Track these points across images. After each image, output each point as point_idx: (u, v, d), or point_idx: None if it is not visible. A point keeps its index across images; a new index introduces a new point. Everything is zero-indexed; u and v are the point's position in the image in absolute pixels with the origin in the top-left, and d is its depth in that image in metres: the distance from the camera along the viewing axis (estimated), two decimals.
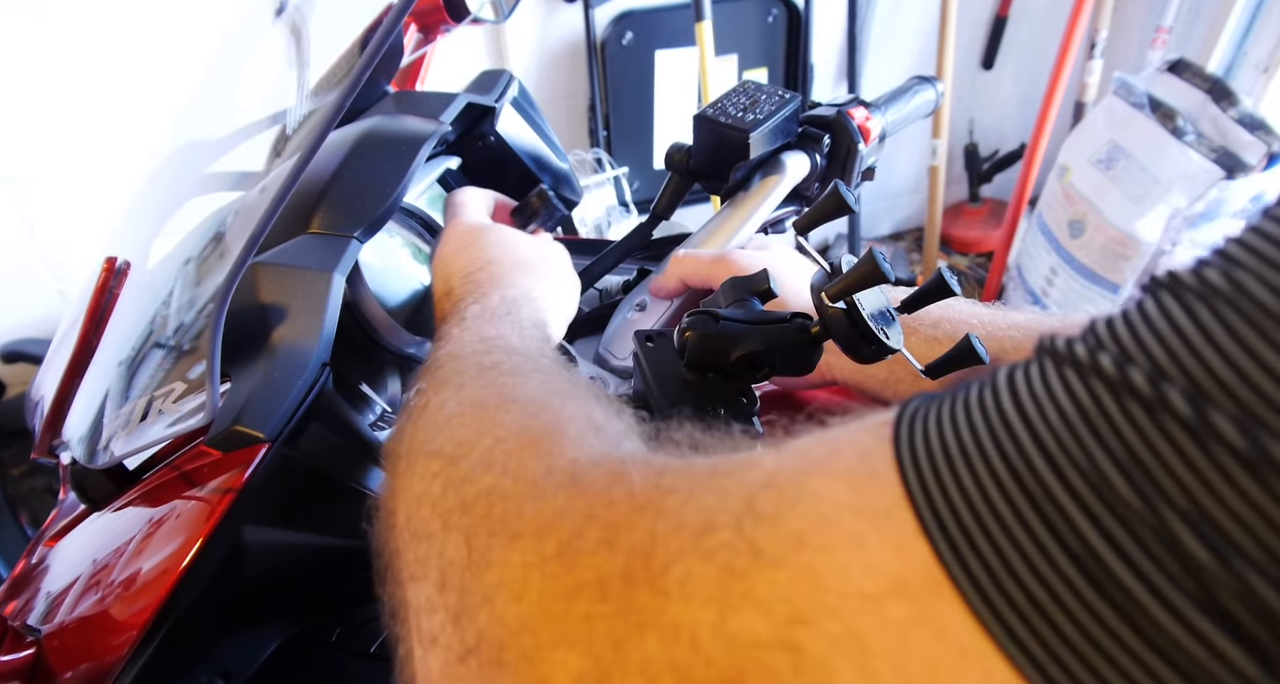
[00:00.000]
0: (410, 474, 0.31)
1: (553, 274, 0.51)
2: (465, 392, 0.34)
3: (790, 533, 0.19)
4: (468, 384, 0.34)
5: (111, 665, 0.43)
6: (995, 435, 0.17)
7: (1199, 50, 1.96)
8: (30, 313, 1.65)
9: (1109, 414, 0.16)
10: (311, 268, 0.47)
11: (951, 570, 0.17)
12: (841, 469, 0.20)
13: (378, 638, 0.53)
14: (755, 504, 0.20)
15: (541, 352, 0.40)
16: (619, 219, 1.81)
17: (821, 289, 0.41)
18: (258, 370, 0.44)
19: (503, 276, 0.48)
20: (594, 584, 0.21)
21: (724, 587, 0.19)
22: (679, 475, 0.24)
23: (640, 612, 0.20)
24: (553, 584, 0.22)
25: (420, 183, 0.62)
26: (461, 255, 0.50)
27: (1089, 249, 1.81)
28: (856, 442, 0.21)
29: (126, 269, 0.53)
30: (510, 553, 0.24)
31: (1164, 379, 0.16)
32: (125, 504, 0.50)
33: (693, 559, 0.20)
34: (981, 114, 2.43)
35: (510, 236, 0.52)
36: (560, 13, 1.85)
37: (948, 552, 0.17)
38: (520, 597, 0.22)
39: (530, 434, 0.29)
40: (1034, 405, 0.17)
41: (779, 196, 0.58)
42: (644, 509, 0.22)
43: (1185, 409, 0.15)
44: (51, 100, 1.48)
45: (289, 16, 0.61)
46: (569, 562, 0.22)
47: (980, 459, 0.17)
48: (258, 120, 0.60)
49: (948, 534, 0.17)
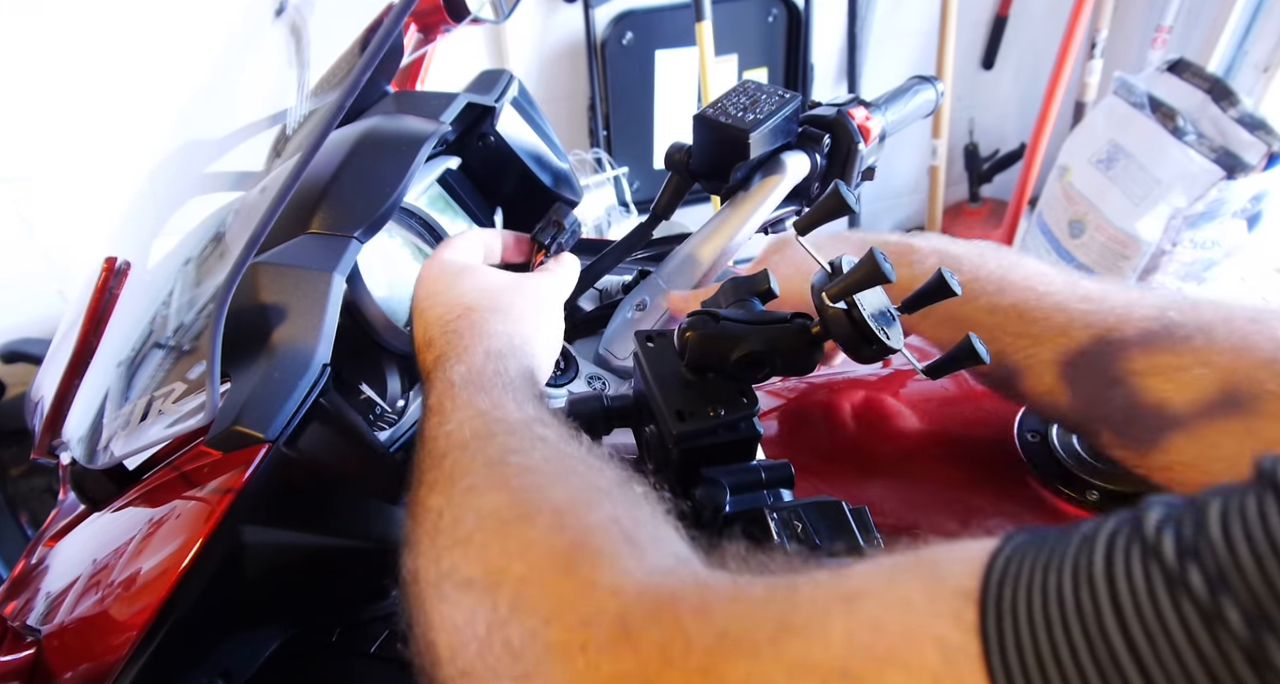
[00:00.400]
0: (445, 606, 0.31)
1: (534, 316, 0.49)
2: (480, 498, 0.33)
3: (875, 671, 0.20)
4: (479, 486, 0.33)
5: (111, 666, 0.43)
6: (1096, 657, 0.17)
7: (1199, 50, 1.96)
8: (30, 313, 1.65)
9: (1205, 656, 0.16)
10: (311, 268, 0.47)
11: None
12: (921, 669, 0.19)
13: (378, 638, 0.53)
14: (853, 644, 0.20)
15: (542, 419, 0.38)
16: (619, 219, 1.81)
17: (822, 289, 0.41)
18: (258, 370, 0.44)
19: (483, 325, 0.46)
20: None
21: None
22: (739, 627, 0.23)
23: None
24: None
25: (420, 183, 0.62)
26: (437, 301, 0.48)
27: (1089, 249, 1.81)
28: (937, 629, 0.20)
29: (126, 269, 0.53)
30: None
31: (1264, 625, 0.16)
32: (125, 504, 0.50)
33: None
34: (981, 114, 2.43)
35: (487, 279, 0.50)
36: (560, 13, 1.85)
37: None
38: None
39: (561, 558, 0.28)
40: (1139, 628, 0.17)
41: (779, 196, 0.58)
42: (706, 676, 0.22)
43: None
44: (51, 100, 1.48)
45: (289, 16, 0.61)
46: None
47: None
48: (258, 120, 0.60)
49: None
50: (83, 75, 1.46)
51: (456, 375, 0.42)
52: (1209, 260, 1.69)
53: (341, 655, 0.53)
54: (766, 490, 0.42)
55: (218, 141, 0.61)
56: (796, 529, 0.38)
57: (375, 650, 0.53)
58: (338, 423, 0.46)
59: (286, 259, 0.47)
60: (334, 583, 0.52)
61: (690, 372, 0.43)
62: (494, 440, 0.36)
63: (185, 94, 0.66)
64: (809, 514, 0.39)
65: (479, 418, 0.38)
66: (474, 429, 0.37)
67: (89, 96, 1.49)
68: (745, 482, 0.42)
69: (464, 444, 0.36)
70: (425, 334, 0.47)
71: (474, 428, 0.37)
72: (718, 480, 0.41)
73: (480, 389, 0.40)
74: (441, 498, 0.34)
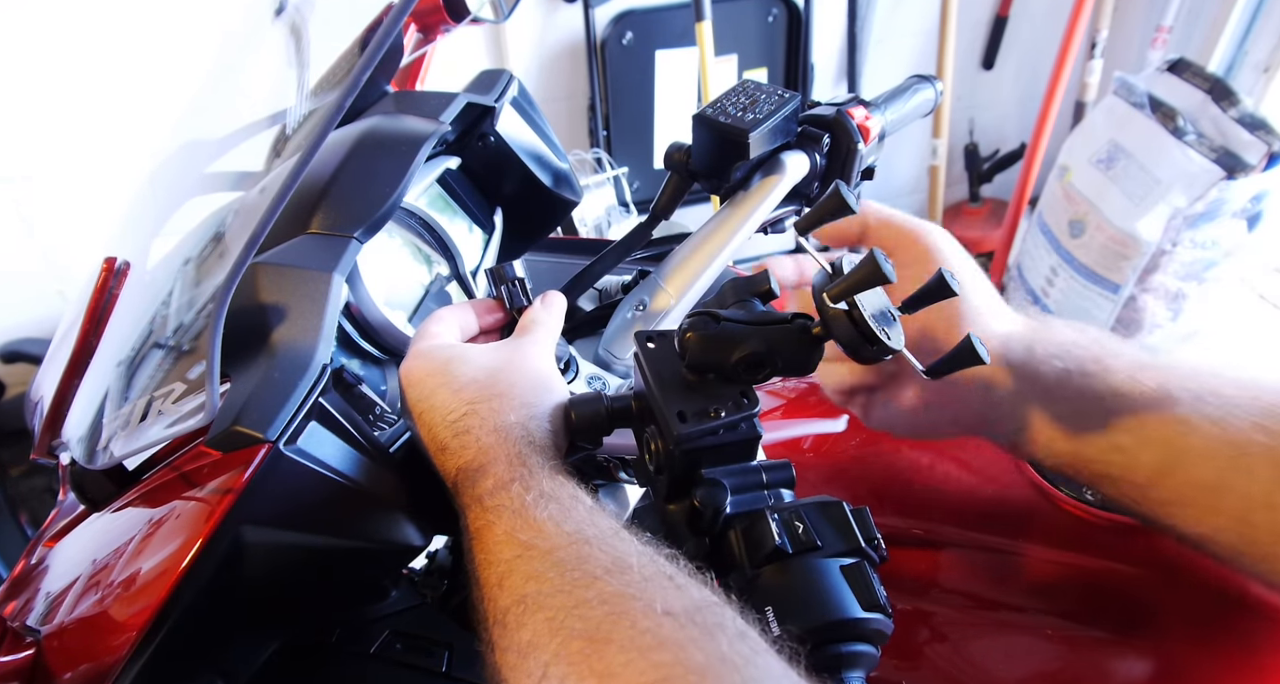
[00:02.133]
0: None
1: (539, 388, 0.46)
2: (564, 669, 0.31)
3: None
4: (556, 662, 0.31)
5: (111, 666, 0.43)
6: None
7: (1199, 50, 1.96)
8: (30, 313, 1.65)
9: None
10: (311, 268, 0.47)
11: None
12: None
13: (378, 638, 0.53)
14: None
15: (585, 539, 0.37)
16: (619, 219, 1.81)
17: (822, 290, 0.41)
18: (258, 370, 0.44)
19: (493, 419, 0.43)
20: None
21: None
22: None
23: None
24: None
25: (420, 183, 0.62)
26: (435, 402, 0.45)
27: (1089, 249, 1.81)
28: None
29: (126, 269, 0.53)
30: None
31: None
32: (125, 505, 0.49)
33: None
34: (981, 114, 2.43)
35: (478, 363, 0.47)
36: (560, 13, 1.85)
37: None
38: None
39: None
40: None
41: (779, 196, 0.58)
42: None
43: None
44: (51, 100, 1.48)
45: (289, 16, 0.61)
46: None
47: None
48: (258, 120, 0.60)
49: None
50: (83, 75, 1.46)
51: (486, 496, 0.40)
52: (1209, 260, 1.69)
53: (341, 655, 0.53)
54: (767, 491, 0.42)
55: (218, 141, 0.61)
56: (798, 530, 0.38)
57: (375, 650, 0.53)
58: (338, 423, 0.46)
59: (286, 259, 0.47)
60: (334, 583, 0.52)
61: (691, 372, 0.43)
62: (548, 591, 0.34)
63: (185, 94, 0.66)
64: (810, 514, 0.39)
65: (529, 561, 0.36)
66: (526, 573, 0.35)
67: (89, 96, 1.49)
68: (746, 483, 0.42)
69: (522, 598, 0.34)
70: (435, 439, 0.44)
71: (526, 571, 0.35)
72: (718, 481, 0.41)
73: (517, 515, 0.38)
74: (532, 671, 0.32)
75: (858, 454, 0.61)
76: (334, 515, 0.47)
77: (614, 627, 0.31)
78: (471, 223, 0.69)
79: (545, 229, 0.74)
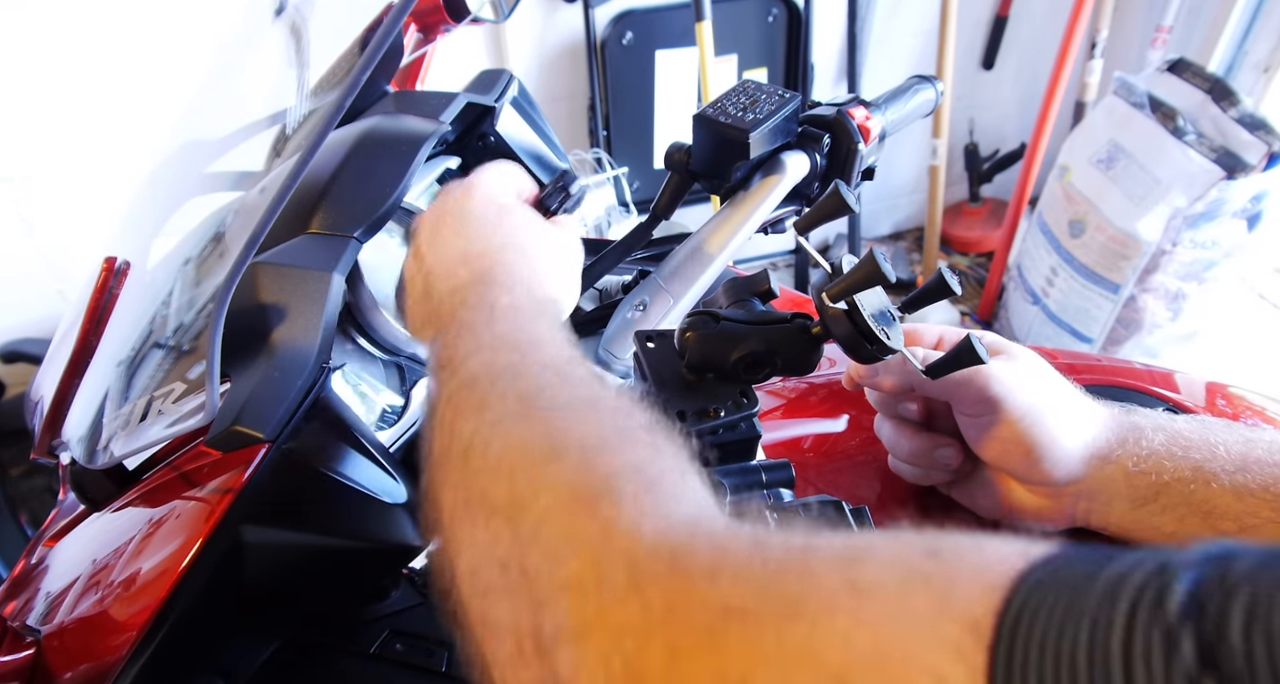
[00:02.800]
0: (472, 527, 0.31)
1: (568, 270, 0.52)
2: (511, 430, 0.33)
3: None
4: (510, 418, 0.34)
5: (111, 666, 0.43)
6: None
7: (1199, 50, 1.96)
8: (30, 313, 1.65)
9: None
10: (311, 268, 0.47)
11: None
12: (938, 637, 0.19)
13: (378, 638, 0.53)
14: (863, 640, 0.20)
15: (575, 359, 0.39)
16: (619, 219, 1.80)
17: (822, 289, 0.41)
18: (257, 370, 0.44)
19: (526, 265, 0.47)
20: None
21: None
22: (747, 598, 0.23)
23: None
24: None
25: (420, 183, 0.62)
26: (481, 232, 0.48)
27: (1089, 249, 1.81)
28: (936, 661, 0.19)
29: (126, 269, 0.53)
30: (581, 652, 0.25)
31: None
32: (125, 504, 0.49)
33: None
34: (981, 114, 2.43)
35: (528, 221, 0.51)
36: (560, 13, 1.85)
37: None
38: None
39: (585, 498, 0.29)
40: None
41: (779, 196, 0.58)
42: (711, 640, 0.23)
43: None
44: (51, 100, 1.48)
45: (289, 16, 0.61)
46: (636, 680, 0.24)
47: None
48: (258, 120, 0.60)
49: None
50: (83, 75, 1.46)
51: (498, 304, 0.42)
52: (1209, 260, 1.69)
53: (341, 655, 0.53)
54: (766, 491, 0.42)
55: (218, 141, 0.61)
56: None
57: (375, 650, 0.53)
58: (337, 423, 0.46)
59: (286, 259, 0.47)
60: (334, 583, 0.52)
61: (690, 372, 0.43)
62: (528, 375, 0.36)
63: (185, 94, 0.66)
64: (809, 514, 0.39)
65: (515, 351, 0.38)
66: (509, 361, 0.37)
67: (89, 96, 1.49)
68: (746, 482, 0.42)
69: (497, 375, 0.36)
70: (465, 251, 0.47)
71: (509, 360, 0.37)
72: (718, 481, 0.41)
73: (518, 325, 0.41)
74: (471, 424, 0.34)
75: (858, 454, 0.61)
76: (334, 515, 0.47)
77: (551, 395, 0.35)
78: None
79: None
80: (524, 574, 0.28)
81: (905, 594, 0.21)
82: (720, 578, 0.24)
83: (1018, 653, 0.18)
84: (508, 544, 0.29)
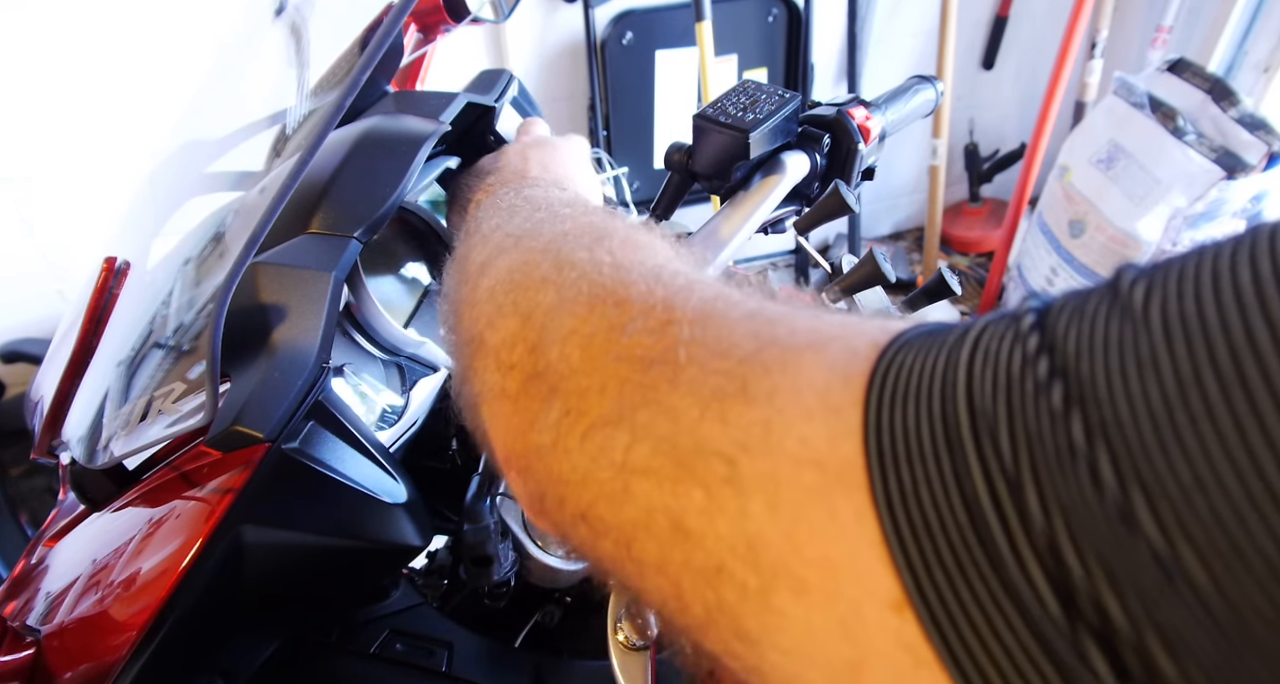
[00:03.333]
0: (515, 251, 0.36)
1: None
2: (541, 238, 0.37)
3: (770, 386, 0.23)
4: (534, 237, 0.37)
5: (111, 666, 0.43)
6: (942, 390, 0.20)
7: (1199, 50, 1.96)
8: (30, 313, 1.65)
9: (1027, 410, 0.18)
10: (311, 268, 0.47)
11: (872, 473, 0.20)
12: (830, 358, 0.23)
13: (378, 638, 0.53)
14: (761, 354, 0.24)
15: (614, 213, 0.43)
16: None
17: (822, 289, 0.41)
18: (257, 370, 0.44)
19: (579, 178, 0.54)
20: (638, 359, 0.27)
21: (711, 399, 0.24)
22: (727, 306, 0.27)
23: (656, 389, 0.26)
24: (611, 347, 0.28)
25: (420, 183, 0.62)
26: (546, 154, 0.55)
27: (1089, 249, 1.81)
28: (854, 340, 0.23)
29: (126, 269, 0.53)
30: (591, 315, 0.29)
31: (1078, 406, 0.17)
32: (125, 504, 0.49)
33: (701, 372, 0.25)
34: (981, 114, 2.43)
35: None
36: (560, 13, 1.85)
37: (875, 456, 0.20)
38: (586, 348, 0.29)
39: (612, 236, 0.34)
40: (982, 375, 0.19)
41: (779, 196, 0.58)
42: (694, 323, 0.27)
43: (1081, 441, 0.17)
44: (52, 100, 1.48)
45: (289, 16, 0.61)
46: (629, 336, 0.28)
47: (924, 401, 0.20)
48: (258, 120, 0.60)
49: (880, 447, 0.20)
50: (83, 75, 1.46)
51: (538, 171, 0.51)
52: None
53: (341, 655, 0.53)
54: None
55: (218, 141, 0.61)
56: None
57: (375, 650, 0.53)
58: (337, 423, 0.46)
59: (286, 259, 0.47)
60: (334, 583, 0.52)
61: None
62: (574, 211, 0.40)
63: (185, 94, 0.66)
64: None
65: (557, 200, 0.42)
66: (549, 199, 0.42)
67: (89, 96, 1.49)
68: None
69: (538, 205, 0.41)
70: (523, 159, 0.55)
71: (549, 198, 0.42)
72: None
73: (558, 185, 0.48)
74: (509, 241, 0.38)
75: None
76: (334, 515, 0.47)
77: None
78: None
79: None
80: (557, 267, 0.33)
81: (830, 325, 0.25)
82: (711, 300, 0.28)
83: (889, 381, 0.21)
84: (548, 255, 0.34)
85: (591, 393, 0.28)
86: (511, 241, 0.37)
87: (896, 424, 0.20)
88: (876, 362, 0.22)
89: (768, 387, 0.23)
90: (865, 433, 0.20)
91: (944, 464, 0.18)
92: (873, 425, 0.20)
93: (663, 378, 0.26)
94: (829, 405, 0.22)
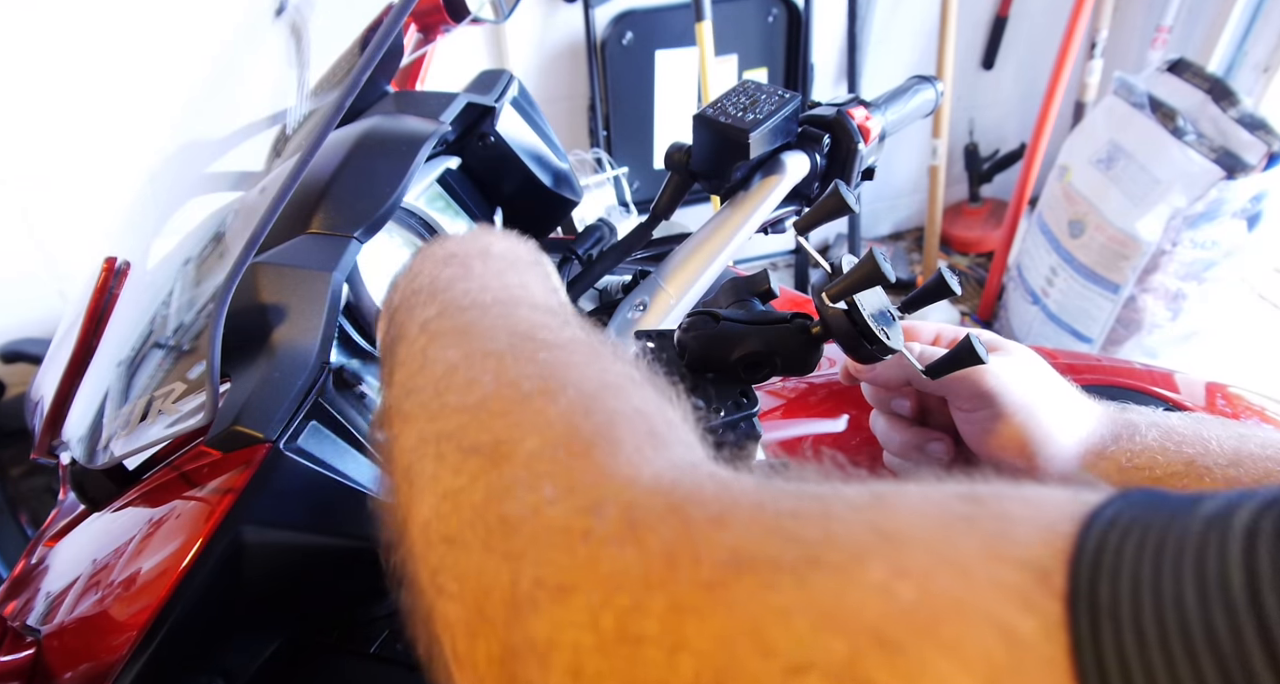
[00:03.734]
0: (441, 467, 0.27)
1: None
2: (503, 365, 0.29)
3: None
4: (502, 353, 0.30)
5: (111, 666, 0.43)
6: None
7: (1199, 50, 1.96)
8: (30, 313, 1.65)
9: None
10: (311, 268, 0.47)
11: None
12: (977, 657, 0.16)
13: (378, 638, 0.53)
14: (858, 664, 0.16)
15: (569, 308, 0.36)
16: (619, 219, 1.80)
17: (822, 289, 0.41)
18: (258, 370, 0.44)
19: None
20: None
21: None
22: (758, 547, 0.20)
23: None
24: (613, 666, 0.20)
25: (420, 183, 0.62)
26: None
27: (1089, 249, 1.81)
28: (999, 612, 0.16)
29: (126, 269, 0.53)
30: (564, 609, 0.21)
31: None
32: (125, 504, 0.50)
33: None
34: (981, 114, 2.43)
35: None
36: (560, 13, 1.85)
37: None
38: (578, 674, 0.20)
39: (580, 441, 0.26)
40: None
41: (779, 196, 0.58)
42: (713, 593, 0.19)
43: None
44: (52, 100, 1.48)
45: (289, 16, 0.61)
46: (630, 642, 0.20)
47: None
48: (258, 120, 0.60)
49: None
50: (83, 75, 1.46)
51: (492, 248, 0.39)
52: (1209, 260, 1.69)
53: (341, 655, 0.53)
54: None
55: (218, 141, 0.61)
56: None
57: (375, 650, 0.53)
58: (338, 423, 0.46)
59: (286, 259, 0.47)
60: (334, 583, 0.52)
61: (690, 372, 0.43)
62: (520, 312, 0.33)
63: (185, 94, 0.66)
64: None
65: (506, 290, 0.35)
66: (499, 296, 0.34)
67: (90, 96, 1.49)
68: None
69: (487, 306, 0.33)
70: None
71: (499, 295, 0.34)
72: None
73: (513, 269, 0.38)
74: (452, 353, 0.31)
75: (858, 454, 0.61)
76: (334, 515, 0.47)
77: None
78: (471, 223, 0.70)
79: (545, 229, 0.74)
80: (502, 522, 0.24)
81: (948, 540, 0.18)
82: (728, 522, 0.21)
83: (1102, 596, 0.16)
84: (485, 488, 0.25)
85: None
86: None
87: None
88: (1071, 597, 0.16)
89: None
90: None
91: None
92: None
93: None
94: None
